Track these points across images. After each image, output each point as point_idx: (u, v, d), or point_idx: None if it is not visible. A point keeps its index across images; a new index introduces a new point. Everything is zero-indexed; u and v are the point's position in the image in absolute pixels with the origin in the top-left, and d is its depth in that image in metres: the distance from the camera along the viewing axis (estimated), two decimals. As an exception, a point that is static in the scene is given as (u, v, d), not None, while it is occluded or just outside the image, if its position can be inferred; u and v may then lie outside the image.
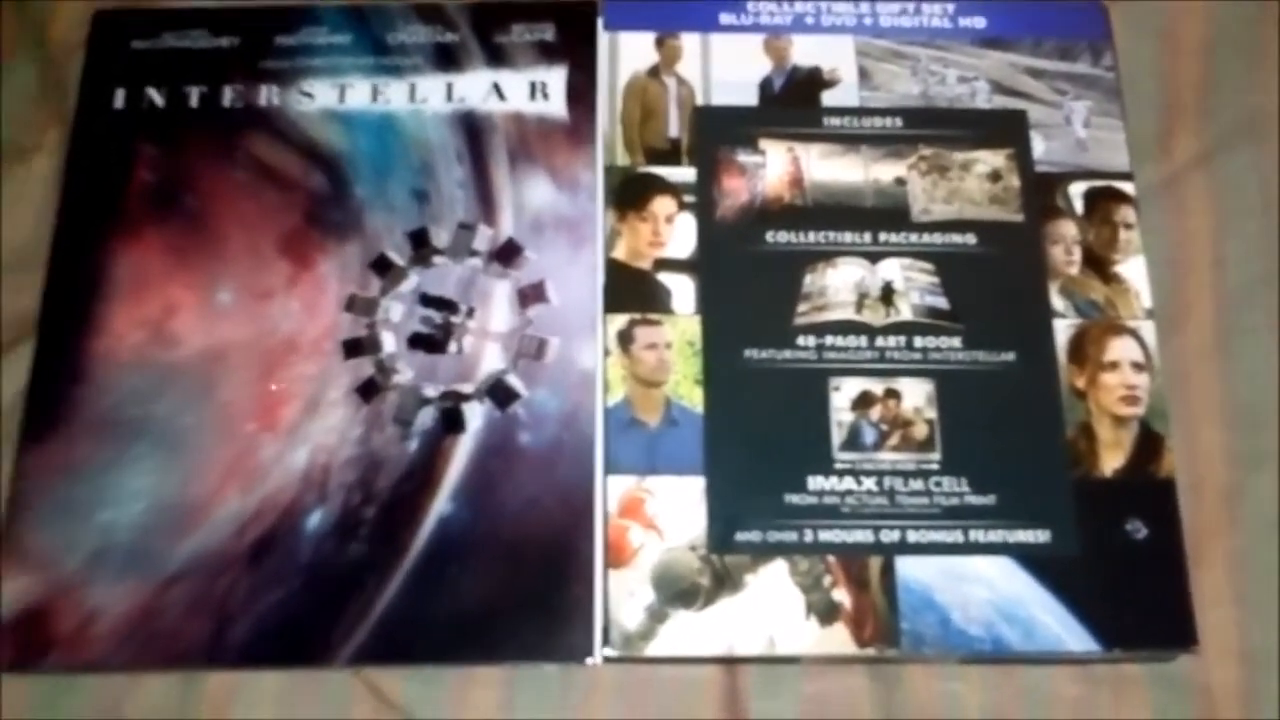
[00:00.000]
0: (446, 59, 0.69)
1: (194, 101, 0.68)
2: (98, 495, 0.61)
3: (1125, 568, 0.59)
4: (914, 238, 0.65)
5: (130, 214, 0.66)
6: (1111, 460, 0.61)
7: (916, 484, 0.61)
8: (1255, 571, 0.62)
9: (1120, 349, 0.63)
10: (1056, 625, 0.59)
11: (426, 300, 0.65)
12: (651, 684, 0.60)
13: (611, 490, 0.61)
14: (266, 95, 0.69)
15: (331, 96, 0.69)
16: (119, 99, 0.69)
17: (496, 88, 0.69)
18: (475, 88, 0.69)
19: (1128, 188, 0.67)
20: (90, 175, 0.67)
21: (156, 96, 0.69)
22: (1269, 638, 0.61)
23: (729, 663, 0.60)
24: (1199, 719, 0.60)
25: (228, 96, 0.69)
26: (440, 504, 0.61)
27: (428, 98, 0.68)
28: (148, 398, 0.62)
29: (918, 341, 0.63)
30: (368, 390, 0.63)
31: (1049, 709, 0.60)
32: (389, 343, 0.64)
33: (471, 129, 0.68)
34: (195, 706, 0.60)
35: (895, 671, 0.60)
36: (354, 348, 0.63)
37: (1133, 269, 0.65)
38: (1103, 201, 0.66)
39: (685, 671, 0.60)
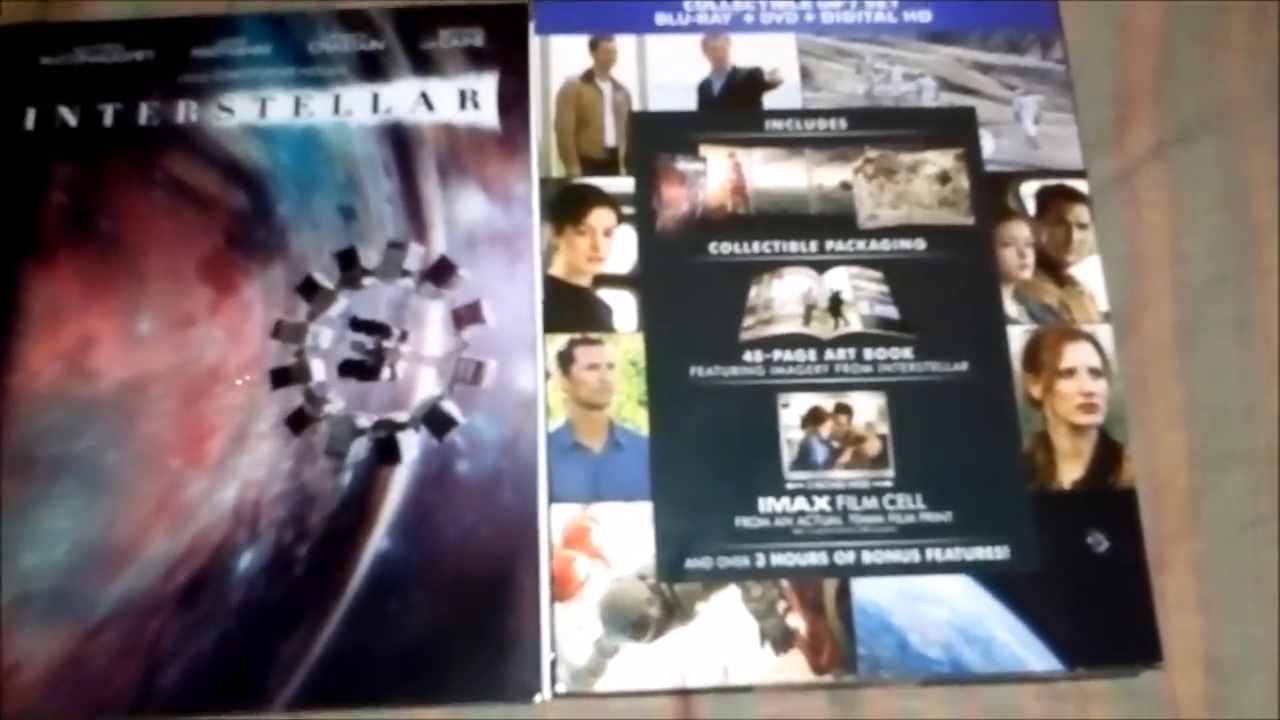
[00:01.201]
0: (372, 68, 0.67)
1: (109, 120, 0.66)
2: (18, 538, 0.59)
3: (1087, 583, 0.59)
4: (861, 245, 0.64)
5: (44, 240, 0.64)
6: (1070, 471, 0.60)
7: (870, 502, 0.60)
8: (1219, 576, 0.61)
9: (1076, 355, 0.62)
10: (1018, 644, 0.58)
11: (357, 324, 0.63)
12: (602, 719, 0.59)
13: (555, 519, 0.59)
14: (184, 111, 0.66)
15: (252, 111, 0.66)
16: (30, 119, 0.66)
17: (424, 97, 0.66)
18: (402, 98, 0.67)
19: (1081, 186, 0.65)
20: (1, 199, 0.65)
21: (69, 115, 0.66)
22: (1234, 644, 0.60)
23: (682, 694, 0.59)
24: (1165, 730, 0.59)
25: (144, 114, 0.66)
26: (377, 539, 0.59)
27: (353, 109, 0.66)
28: (68, 434, 0.61)
29: (868, 353, 0.62)
30: (298, 421, 0.61)
31: (1013, 725, 0.59)
32: (318, 370, 0.62)
33: (399, 141, 0.66)
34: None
35: (854, 691, 0.59)
36: (282, 377, 0.62)
37: (1087, 270, 0.64)
38: (1055, 201, 0.65)
39: (637, 704, 0.59)
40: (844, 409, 0.61)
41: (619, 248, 0.64)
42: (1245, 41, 0.70)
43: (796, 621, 0.58)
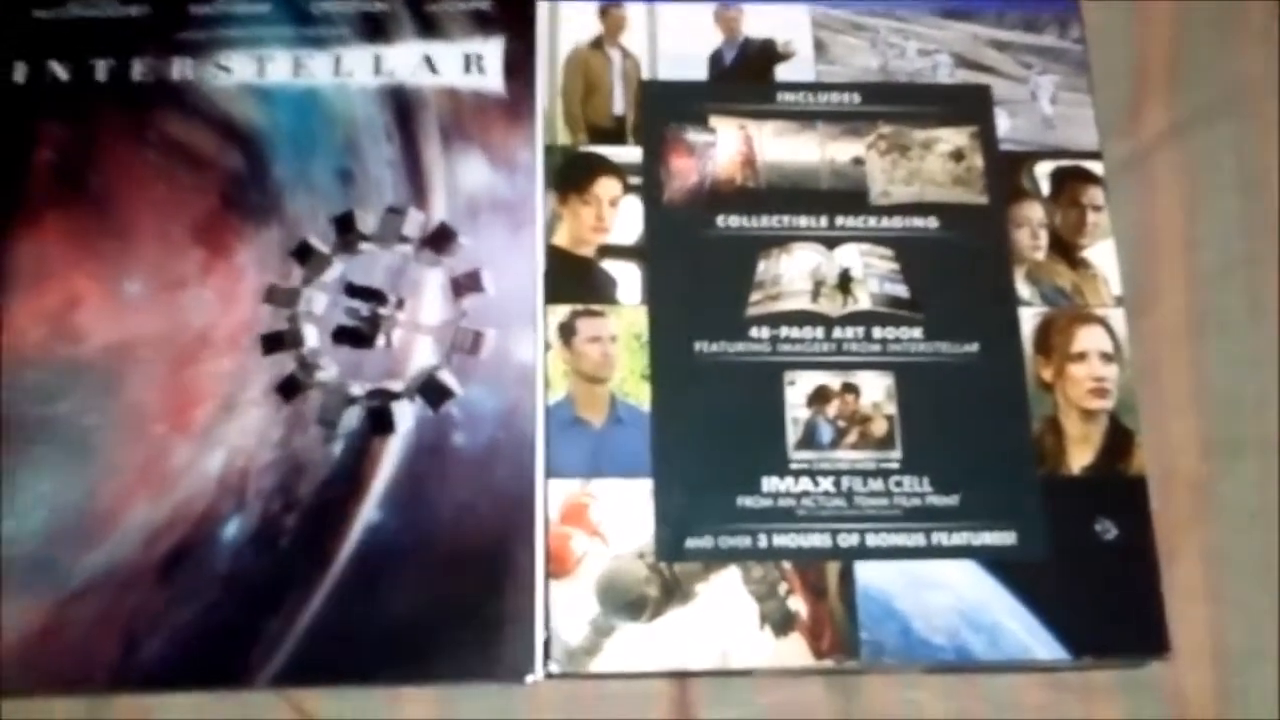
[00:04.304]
0: (374, 29, 0.66)
1: (101, 75, 0.65)
2: (-5, 503, 0.59)
3: (1095, 571, 0.58)
4: (873, 221, 0.63)
5: (32, 198, 0.63)
6: (1080, 457, 0.60)
7: (876, 484, 0.59)
8: (1229, 566, 0.61)
9: (1088, 339, 0.62)
10: (1023, 632, 0.57)
11: (352, 290, 0.62)
12: (597, 701, 0.58)
13: (553, 495, 0.59)
14: (180, 69, 0.65)
15: (250, 70, 0.66)
16: (19, 73, 0.65)
17: (428, 60, 0.66)
18: (405, 60, 0.66)
19: (1096, 167, 0.65)
20: (-12, 155, 0.65)
21: (60, 70, 0.65)
22: (1243, 636, 0.60)
23: (679, 677, 0.58)
24: (1171, 721, 0.59)
25: (138, 70, 0.65)
26: (368, 511, 0.58)
27: (354, 71, 0.66)
28: (50, 397, 0.60)
29: (877, 332, 0.61)
30: (289, 388, 0.60)
31: (1015, 715, 0.59)
32: (312, 337, 0.61)
33: (401, 105, 0.65)
34: (103, 732, 0.57)
35: (854, 679, 0.59)
36: (274, 342, 0.61)
37: (1101, 254, 0.64)
38: (1070, 182, 0.65)
39: (632, 687, 0.58)
40: (851, 388, 0.60)
41: (624, 218, 0.63)
42: (1262, 25, 0.70)
43: (798, 604, 0.57)
